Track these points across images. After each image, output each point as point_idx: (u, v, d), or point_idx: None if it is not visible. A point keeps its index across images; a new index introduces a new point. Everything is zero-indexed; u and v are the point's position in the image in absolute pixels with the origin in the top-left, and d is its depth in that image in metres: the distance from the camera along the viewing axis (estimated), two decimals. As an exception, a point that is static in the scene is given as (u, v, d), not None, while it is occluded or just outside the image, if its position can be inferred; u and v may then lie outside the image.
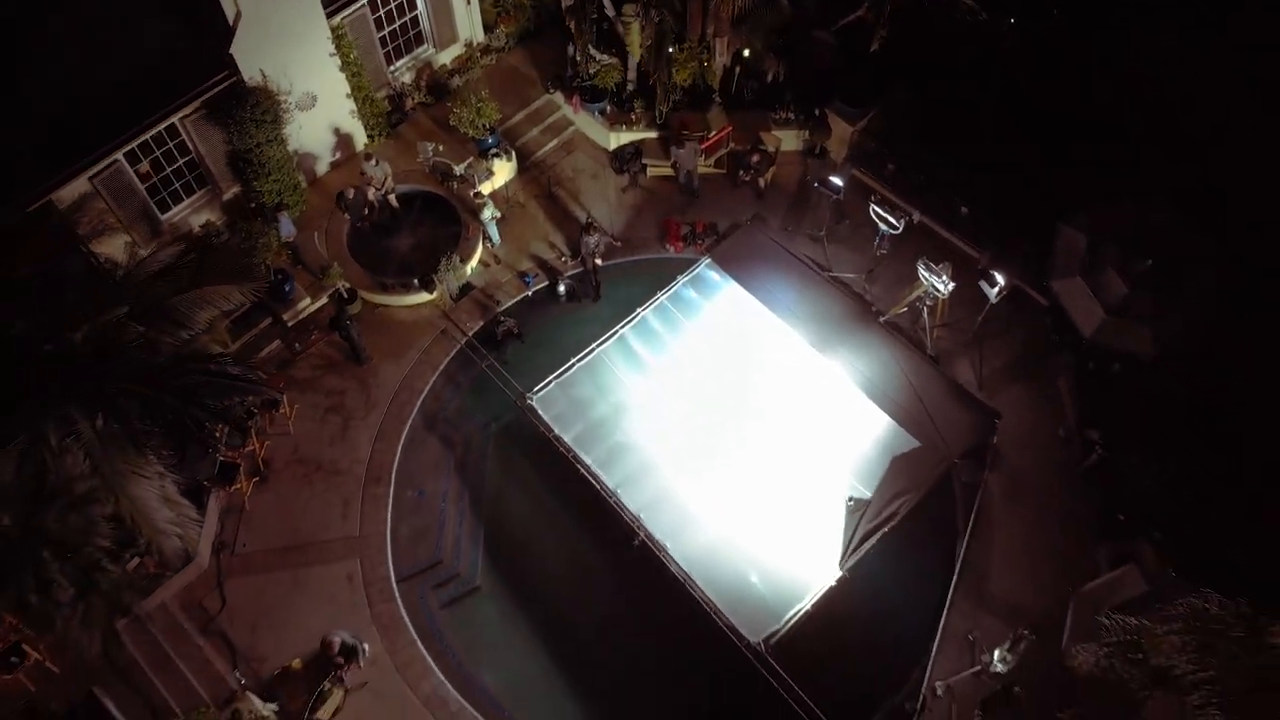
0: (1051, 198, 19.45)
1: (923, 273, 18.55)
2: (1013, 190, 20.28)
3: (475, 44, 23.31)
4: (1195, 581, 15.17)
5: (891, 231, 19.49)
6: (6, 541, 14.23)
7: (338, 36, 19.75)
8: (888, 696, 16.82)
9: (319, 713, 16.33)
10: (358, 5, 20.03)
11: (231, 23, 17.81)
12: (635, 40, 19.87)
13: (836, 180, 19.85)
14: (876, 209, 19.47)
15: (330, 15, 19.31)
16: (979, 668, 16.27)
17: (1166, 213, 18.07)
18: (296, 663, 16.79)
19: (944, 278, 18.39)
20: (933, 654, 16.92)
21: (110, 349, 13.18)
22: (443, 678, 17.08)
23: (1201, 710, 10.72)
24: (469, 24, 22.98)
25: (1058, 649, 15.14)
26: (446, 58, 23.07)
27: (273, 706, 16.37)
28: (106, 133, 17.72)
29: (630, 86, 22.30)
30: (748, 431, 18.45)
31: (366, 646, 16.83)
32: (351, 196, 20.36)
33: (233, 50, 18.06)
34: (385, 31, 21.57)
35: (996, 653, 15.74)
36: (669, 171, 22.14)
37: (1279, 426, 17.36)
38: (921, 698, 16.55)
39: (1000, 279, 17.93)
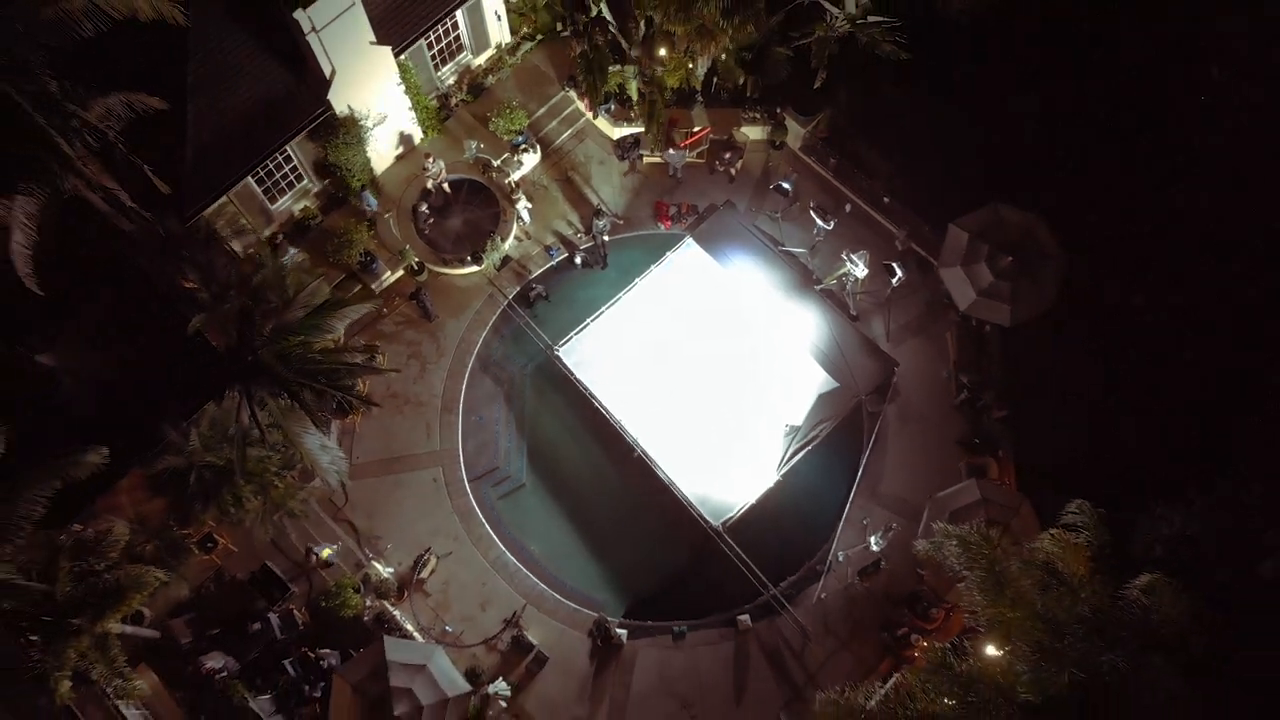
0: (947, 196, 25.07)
1: (845, 261, 24.29)
2: (922, 187, 25.85)
3: (504, 45, 27.81)
4: (1023, 490, 22.18)
5: (826, 229, 25.04)
6: (219, 472, 20.80)
7: (402, 69, 24.53)
8: (805, 561, 23.87)
9: (421, 574, 23.39)
10: (416, 45, 24.72)
11: (328, 77, 22.73)
12: (633, 92, 24.66)
13: (786, 185, 25.25)
14: (814, 212, 24.94)
15: (397, 55, 24.05)
16: (865, 545, 23.23)
17: (1028, 219, 23.58)
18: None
19: (861, 265, 24.18)
20: (837, 533, 23.80)
21: (288, 355, 19.21)
22: (503, 548, 24.07)
23: (967, 594, 17.46)
24: (499, 30, 27.43)
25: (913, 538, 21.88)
26: (481, 60, 27.67)
27: (390, 569, 23.38)
28: (246, 156, 23.03)
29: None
30: (716, 374, 24.52)
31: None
32: (424, 209, 26.26)
33: (330, 95, 23.08)
34: (434, 50, 26.19)
35: (873, 538, 22.67)
36: (660, 160, 27.26)
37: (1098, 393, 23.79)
38: (828, 562, 23.57)
39: (899, 270, 23.78)
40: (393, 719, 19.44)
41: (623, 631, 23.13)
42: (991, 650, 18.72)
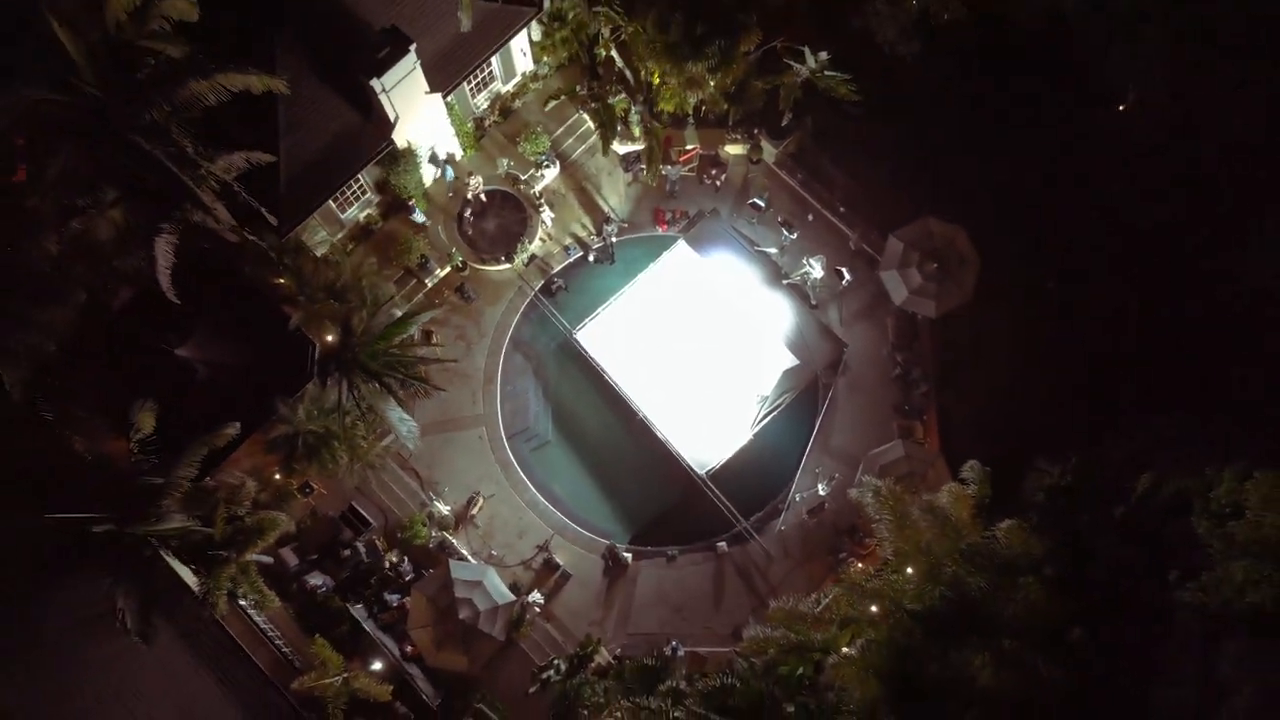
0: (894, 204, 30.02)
1: (805, 264, 29.40)
2: (873, 197, 30.77)
3: (527, 74, 32.22)
4: (943, 449, 27.66)
5: (790, 237, 30.05)
6: (320, 437, 26.29)
7: (448, 106, 29.13)
8: (770, 500, 29.54)
9: (472, 511, 29.11)
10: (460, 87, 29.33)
11: (393, 120, 27.43)
12: (636, 130, 29.33)
13: (759, 201, 30.19)
14: (781, 225, 29.90)
15: (445, 97, 28.64)
16: (815, 490, 28.91)
17: (951, 230, 28.56)
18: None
19: (818, 268, 29.32)
20: (795, 479, 29.35)
21: (378, 355, 24.57)
22: (534, 490, 29.69)
23: (879, 532, 23.08)
24: (525, 62, 31.78)
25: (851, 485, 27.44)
26: (510, 87, 32.11)
27: (447, 507, 29.05)
28: (327, 184, 27.81)
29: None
30: (703, 352, 29.64)
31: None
32: (468, 216, 30.90)
33: (394, 135, 27.83)
34: (471, 84, 30.66)
35: (821, 485, 28.35)
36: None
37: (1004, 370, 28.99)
38: (788, 502, 29.25)
39: (847, 274, 28.96)
40: (458, 621, 25.45)
41: (628, 554, 28.92)
42: (910, 571, 24.49)
